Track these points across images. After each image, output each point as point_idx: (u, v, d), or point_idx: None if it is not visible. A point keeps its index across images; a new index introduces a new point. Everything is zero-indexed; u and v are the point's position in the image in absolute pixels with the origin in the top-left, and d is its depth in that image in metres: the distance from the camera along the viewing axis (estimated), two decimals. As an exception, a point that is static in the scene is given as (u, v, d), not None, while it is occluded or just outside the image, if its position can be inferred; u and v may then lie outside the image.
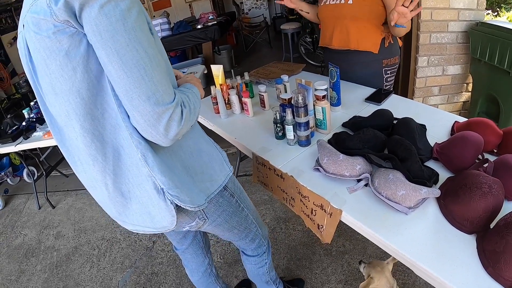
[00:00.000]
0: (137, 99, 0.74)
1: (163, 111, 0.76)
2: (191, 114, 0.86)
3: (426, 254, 0.86)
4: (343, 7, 1.70)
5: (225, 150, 3.32)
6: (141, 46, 0.72)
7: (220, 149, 1.15)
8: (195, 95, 0.94)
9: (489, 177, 0.91)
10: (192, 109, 0.86)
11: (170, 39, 4.82)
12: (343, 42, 1.79)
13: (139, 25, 0.73)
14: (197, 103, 0.92)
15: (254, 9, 8.18)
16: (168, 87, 0.78)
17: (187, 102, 0.84)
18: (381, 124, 1.34)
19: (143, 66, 0.73)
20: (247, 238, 1.35)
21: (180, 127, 0.80)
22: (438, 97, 2.72)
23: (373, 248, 2.00)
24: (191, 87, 0.97)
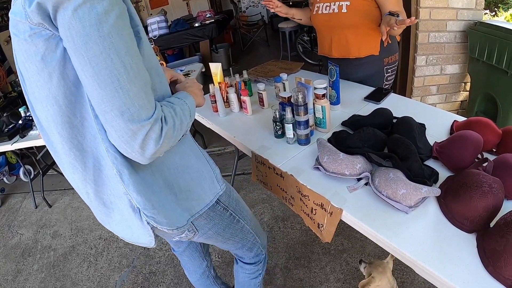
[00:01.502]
0: (110, 113, 0.67)
1: (138, 128, 0.69)
2: (175, 131, 0.78)
3: (427, 253, 0.86)
4: (338, 16, 1.67)
5: (223, 149, 3.34)
6: (117, 55, 0.65)
7: (213, 164, 1.07)
8: (186, 107, 0.86)
9: (489, 176, 0.91)
10: (177, 125, 0.78)
11: (167, 37, 4.82)
12: (344, 52, 1.77)
13: (118, 30, 0.65)
14: (186, 117, 0.84)
15: (252, 8, 8.17)
16: (147, 101, 0.70)
17: (171, 118, 0.76)
18: (381, 123, 1.34)
19: (117, 77, 0.65)
20: (244, 248, 1.31)
21: (158, 146, 0.73)
22: (436, 96, 2.73)
23: (372, 247, 2.01)
24: (185, 96, 0.90)
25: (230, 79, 1.86)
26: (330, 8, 1.69)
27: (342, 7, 1.63)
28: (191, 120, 0.88)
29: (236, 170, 2.73)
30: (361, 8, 1.61)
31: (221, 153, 3.38)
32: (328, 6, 1.70)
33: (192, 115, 0.88)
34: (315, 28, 1.90)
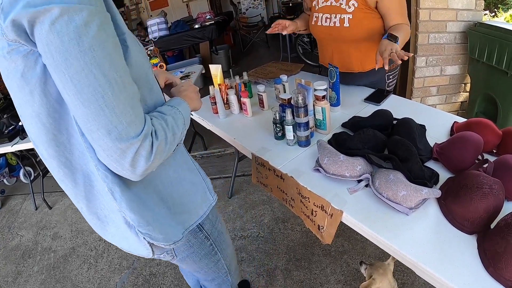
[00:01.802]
0: (96, 132, 0.64)
1: (127, 146, 0.65)
2: (167, 145, 0.74)
3: (427, 254, 0.86)
4: (339, 30, 1.60)
5: (223, 150, 3.34)
6: (99, 71, 0.60)
7: (204, 175, 1.05)
8: (179, 116, 0.82)
9: (490, 178, 0.91)
10: (170, 137, 0.75)
11: (167, 38, 4.82)
12: (346, 66, 1.72)
13: (100, 43, 0.60)
14: (179, 127, 0.80)
15: (252, 9, 8.17)
16: (135, 117, 0.66)
17: (162, 131, 0.72)
18: (381, 124, 1.34)
19: (101, 95, 0.61)
20: (213, 282, 1.26)
21: (150, 163, 0.69)
22: (436, 97, 2.73)
23: (372, 248, 2.01)
24: (179, 103, 0.86)
25: (230, 80, 1.86)
26: (330, 21, 1.62)
27: (344, 20, 1.56)
28: (185, 128, 0.85)
29: (236, 172, 2.73)
30: (364, 21, 1.55)
31: (221, 154, 3.38)
32: (328, 18, 1.63)
33: (186, 123, 0.85)
34: (316, 39, 1.85)
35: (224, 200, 2.71)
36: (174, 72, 3.07)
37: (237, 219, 2.48)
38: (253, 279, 2.00)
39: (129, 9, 7.77)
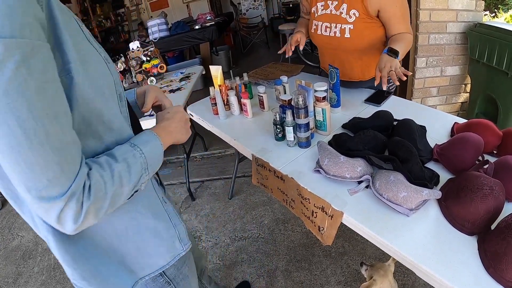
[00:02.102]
0: (18, 187, 0.55)
1: (49, 206, 0.56)
2: (107, 201, 0.62)
3: (428, 255, 0.86)
4: (340, 41, 1.57)
5: (224, 151, 3.34)
6: (15, 120, 0.50)
7: (177, 221, 0.93)
8: (139, 161, 0.69)
9: (490, 179, 0.91)
10: (113, 192, 0.63)
11: (167, 39, 4.83)
12: (346, 75, 1.70)
13: (18, 85, 0.49)
14: (133, 176, 0.67)
15: (252, 10, 8.18)
16: (60, 173, 0.55)
17: (100, 186, 0.61)
18: (381, 125, 1.34)
19: (17, 149, 0.51)
20: None
21: (79, 224, 0.59)
22: (437, 98, 2.73)
23: (373, 249, 2.01)
24: (146, 141, 0.74)
25: (230, 81, 1.86)
26: (330, 31, 1.58)
27: (344, 31, 1.53)
28: (148, 175, 0.73)
29: (237, 173, 2.73)
30: (366, 31, 1.52)
31: (222, 155, 3.38)
32: (328, 27, 1.59)
33: (150, 169, 0.73)
34: (317, 45, 1.81)
35: (225, 201, 2.72)
36: (174, 73, 3.07)
37: (238, 220, 2.48)
38: (254, 280, 2.00)
39: (129, 10, 7.79)
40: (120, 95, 0.76)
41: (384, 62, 1.34)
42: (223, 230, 2.42)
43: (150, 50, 2.93)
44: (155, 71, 2.93)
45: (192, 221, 2.58)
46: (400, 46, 1.41)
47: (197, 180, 3.08)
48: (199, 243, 2.35)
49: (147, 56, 2.90)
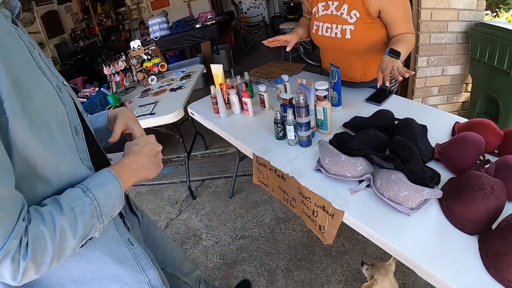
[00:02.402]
0: None
1: None
2: (48, 256, 0.57)
3: (428, 255, 0.86)
4: (341, 42, 1.57)
5: (224, 150, 3.34)
6: None
7: (147, 266, 0.85)
8: (90, 209, 0.63)
9: (491, 178, 0.91)
10: (56, 247, 0.57)
11: (168, 38, 4.83)
12: (348, 76, 1.69)
13: None
14: (81, 228, 0.61)
15: (253, 9, 8.17)
16: None
17: (40, 243, 0.55)
18: (382, 125, 1.33)
19: None
20: None
21: (17, 281, 0.55)
22: (438, 97, 2.73)
23: (373, 248, 2.01)
24: (101, 183, 0.67)
25: (231, 80, 1.86)
26: (331, 32, 1.58)
27: (345, 32, 1.53)
28: (102, 223, 0.66)
29: (238, 172, 2.73)
30: (367, 32, 1.51)
31: (222, 154, 3.39)
32: (329, 28, 1.59)
33: (105, 216, 0.67)
34: (318, 46, 1.81)
35: (225, 200, 2.72)
36: (175, 72, 3.07)
37: (238, 219, 2.48)
38: (254, 278, 2.00)
39: (130, 8, 7.79)
40: (76, 128, 0.71)
41: (385, 63, 1.33)
42: (224, 229, 2.42)
43: (151, 49, 2.93)
44: (156, 70, 2.93)
45: (192, 220, 2.58)
46: (402, 46, 1.40)
47: (198, 179, 3.08)
48: (199, 242, 2.35)
49: (148, 55, 2.90)
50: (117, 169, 0.72)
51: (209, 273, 2.10)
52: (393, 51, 1.36)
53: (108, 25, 7.22)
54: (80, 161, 0.71)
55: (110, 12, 7.38)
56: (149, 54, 2.91)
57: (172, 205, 2.82)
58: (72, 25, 6.34)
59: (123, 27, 7.88)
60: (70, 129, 0.69)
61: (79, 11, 6.59)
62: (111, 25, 7.34)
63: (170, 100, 2.38)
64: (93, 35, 6.72)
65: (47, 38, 5.56)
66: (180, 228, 2.53)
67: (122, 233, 0.82)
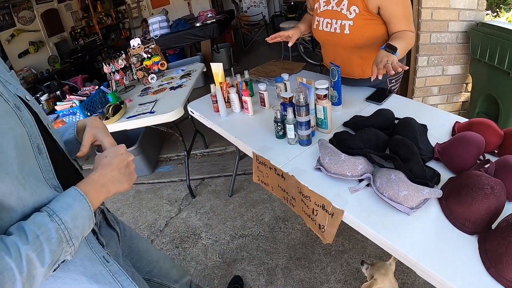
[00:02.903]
0: None
1: None
2: (19, 285, 0.56)
3: (428, 254, 0.86)
4: (340, 37, 1.58)
5: (224, 149, 3.34)
6: None
7: (128, 281, 0.84)
8: (55, 233, 0.61)
9: (491, 178, 0.91)
10: (20, 280, 0.56)
11: (168, 37, 4.83)
12: (347, 73, 1.70)
13: None
14: (49, 254, 0.60)
15: (253, 8, 8.16)
16: None
17: (5, 278, 0.54)
18: (382, 124, 1.33)
19: None
20: None
21: None
22: (438, 97, 2.73)
23: (373, 248, 2.01)
24: (68, 206, 0.65)
25: (231, 79, 1.86)
26: (331, 27, 1.59)
27: (344, 27, 1.53)
28: (72, 246, 0.64)
29: (237, 170, 2.73)
30: (365, 28, 1.51)
31: (222, 153, 3.38)
32: (329, 23, 1.60)
33: (75, 239, 0.64)
34: (319, 41, 1.82)
35: (225, 199, 2.72)
36: (175, 71, 3.07)
37: (238, 218, 2.48)
38: (253, 277, 2.01)
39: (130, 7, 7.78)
40: (39, 147, 0.69)
41: (380, 57, 1.32)
42: (223, 228, 2.42)
43: (151, 47, 2.93)
44: (155, 68, 2.93)
45: (192, 219, 2.58)
46: (400, 43, 1.39)
47: (198, 178, 3.08)
48: (199, 241, 2.35)
49: (148, 53, 2.89)
50: (84, 187, 0.69)
51: (208, 272, 2.10)
52: (390, 46, 1.35)
53: (108, 23, 7.21)
54: (45, 181, 0.69)
55: (110, 10, 7.36)
56: (149, 52, 2.91)
57: (172, 204, 2.82)
58: (72, 23, 6.33)
59: (123, 25, 7.87)
60: (32, 149, 0.67)
61: (79, 9, 6.57)
62: (111, 23, 7.33)
63: (170, 99, 2.38)
64: (93, 34, 6.70)
65: (47, 36, 5.55)
66: (179, 227, 2.53)
67: (96, 251, 0.80)
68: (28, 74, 4.84)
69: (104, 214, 0.97)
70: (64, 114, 2.26)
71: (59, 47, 5.81)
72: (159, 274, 1.20)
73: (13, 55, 4.82)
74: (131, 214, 2.82)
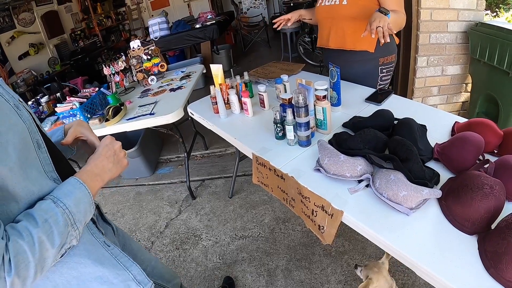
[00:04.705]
0: None
1: None
2: (28, 271, 0.59)
3: (428, 255, 0.86)
4: (338, 8, 1.73)
5: (224, 150, 3.34)
6: None
7: (130, 262, 0.89)
8: (62, 218, 0.66)
9: (491, 178, 0.90)
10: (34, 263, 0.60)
11: (168, 38, 4.83)
12: (340, 43, 1.81)
13: None
14: (57, 237, 0.64)
15: (253, 9, 8.17)
16: None
17: (20, 260, 0.57)
18: (382, 125, 1.33)
19: None
20: None
21: None
22: (437, 97, 2.73)
23: (373, 248, 2.00)
24: (69, 192, 0.70)
25: (231, 80, 1.86)
26: (332, 1, 1.76)
27: (343, 0, 1.70)
28: (77, 230, 0.69)
29: (237, 172, 2.73)
30: (361, 2, 1.66)
31: (222, 154, 3.38)
32: None
33: (78, 222, 0.70)
34: (317, 20, 1.95)
35: (225, 200, 2.72)
36: (175, 72, 3.07)
37: (238, 219, 2.48)
38: (254, 278, 2.00)
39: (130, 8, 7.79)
40: (38, 142, 0.73)
41: (374, 17, 1.42)
42: (224, 229, 2.42)
43: (150, 49, 2.93)
44: (155, 70, 2.93)
45: (192, 220, 2.58)
46: (392, 14, 1.50)
47: (198, 179, 3.08)
48: (199, 242, 2.35)
49: (148, 55, 2.90)
50: (81, 176, 0.75)
51: (208, 273, 2.10)
52: (382, 9, 1.46)
53: (108, 25, 7.22)
54: (45, 174, 0.73)
55: (110, 12, 7.38)
56: (149, 54, 2.91)
57: (172, 205, 2.82)
58: (72, 25, 6.34)
59: (123, 27, 7.88)
60: (33, 143, 0.72)
61: (79, 11, 6.59)
62: (111, 25, 7.34)
63: (170, 100, 2.38)
64: (93, 35, 6.72)
65: (47, 38, 5.56)
66: (180, 228, 2.53)
67: (96, 236, 0.85)
68: (28, 76, 4.85)
69: (99, 209, 1.02)
70: (64, 116, 2.26)
71: (59, 49, 5.83)
72: (153, 272, 1.23)
73: (13, 57, 4.83)
74: (131, 215, 2.82)
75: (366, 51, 1.76)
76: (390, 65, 1.86)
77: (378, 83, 1.86)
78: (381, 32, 1.38)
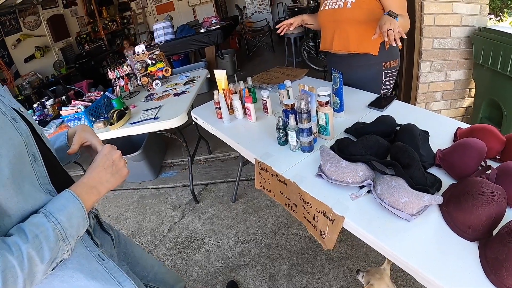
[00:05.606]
0: None
1: None
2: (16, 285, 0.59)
3: (429, 261, 0.86)
4: (342, 11, 1.74)
5: (228, 155, 3.36)
6: None
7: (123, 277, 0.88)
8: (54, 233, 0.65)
9: (492, 184, 0.90)
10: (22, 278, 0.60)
11: (173, 42, 4.87)
12: (343, 46, 1.82)
13: None
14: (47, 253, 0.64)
15: (257, 13, 8.23)
16: None
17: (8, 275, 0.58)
18: (384, 130, 1.34)
19: None
20: None
21: None
22: (441, 102, 2.72)
23: (375, 254, 2.00)
24: (63, 206, 0.69)
25: (234, 85, 1.87)
26: (336, 4, 1.77)
27: (347, 3, 1.71)
28: (68, 245, 0.69)
29: (241, 176, 2.74)
30: (365, 6, 1.67)
31: (226, 159, 3.40)
32: (334, 2, 1.78)
33: (71, 238, 0.69)
34: (320, 24, 1.96)
35: (228, 204, 2.72)
36: (180, 77, 3.09)
37: (241, 223, 2.49)
38: (256, 283, 2.01)
39: (135, 13, 7.86)
40: (34, 155, 0.73)
41: (384, 20, 1.44)
42: (226, 233, 2.43)
43: (155, 53, 2.95)
44: (160, 75, 2.96)
45: (195, 224, 2.59)
46: (399, 17, 1.50)
47: (201, 183, 3.09)
48: (202, 246, 2.36)
49: (153, 60, 2.92)
50: (76, 189, 0.74)
51: (211, 277, 2.11)
52: (392, 12, 1.48)
53: (113, 29, 7.29)
54: (40, 187, 0.73)
55: (115, 16, 7.45)
56: (154, 58, 2.93)
57: (175, 209, 2.83)
58: (77, 28, 6.41)
59: (128, 31, 7.94)
60: (29, 156, 0.71)
61: (85, 15, 6.66)
62: (116, 29, 7.41)
63: (174, 105, 2.40)
64: (98, 39, 6.78)
65: (53, 42, 5.63)
66: (183, 232, 2.54)
67: (91, 250, 0.84)
68: (34, 78, 4.90)
69: (98, 219, 1.00)
70: (69, 119, 2.29)
71: (64, 52, 5.89)
72: (154, 279, 1.23)
73: (19, 60, 4.89)
74: (135, 219, 2.83)
75: (370, 56, 1.77)
76: (394, 70, 1.86)
77: (382, 88, 1.86)
78: (392, 35, 1.39)
